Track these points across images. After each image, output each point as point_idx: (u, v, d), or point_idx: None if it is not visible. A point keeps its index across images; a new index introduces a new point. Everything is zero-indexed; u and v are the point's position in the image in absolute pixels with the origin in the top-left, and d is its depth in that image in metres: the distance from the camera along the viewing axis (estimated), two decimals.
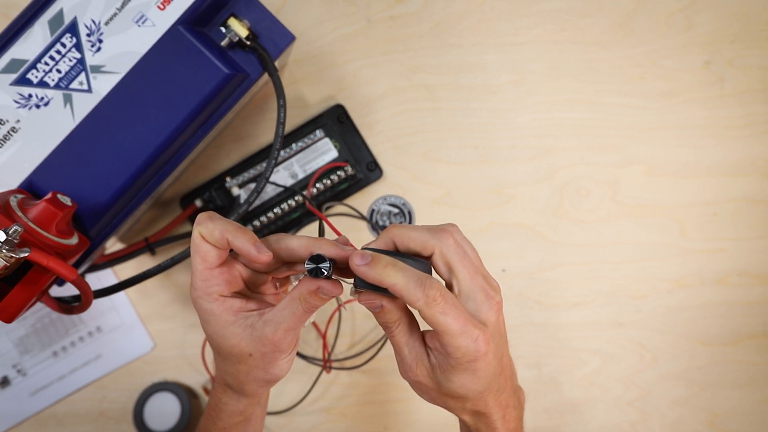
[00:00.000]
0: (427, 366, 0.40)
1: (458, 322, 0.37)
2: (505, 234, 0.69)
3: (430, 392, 0.41)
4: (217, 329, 0.42)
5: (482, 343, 0.38)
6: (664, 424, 0.69)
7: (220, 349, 0.43)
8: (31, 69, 0.50)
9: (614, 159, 0.69)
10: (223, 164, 0.69)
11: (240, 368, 0.43)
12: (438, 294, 0.37)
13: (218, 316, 0.41)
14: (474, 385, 0.40)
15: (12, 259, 0.40)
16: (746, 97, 0.69)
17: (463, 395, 0.40)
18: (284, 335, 0.40)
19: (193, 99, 0.51)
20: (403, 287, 0.36)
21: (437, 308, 0.37)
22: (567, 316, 0.69)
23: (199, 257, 0.41)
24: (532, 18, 0.69)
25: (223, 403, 0.47)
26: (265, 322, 0.41)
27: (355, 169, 0.67)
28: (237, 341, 0.41)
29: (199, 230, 0.40)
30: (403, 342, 0.40)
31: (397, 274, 0.37)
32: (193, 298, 0.42)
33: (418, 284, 0.37)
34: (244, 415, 0.47)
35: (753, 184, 0.69)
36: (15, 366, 0.68)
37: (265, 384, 0.44)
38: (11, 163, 0.50)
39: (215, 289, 0.41)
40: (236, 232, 0.40)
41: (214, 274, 0.41)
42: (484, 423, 0.43)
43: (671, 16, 0.69)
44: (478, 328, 0.38)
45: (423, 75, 0.69)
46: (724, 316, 0.70)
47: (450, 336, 0.37)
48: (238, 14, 0.53)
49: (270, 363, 0.42)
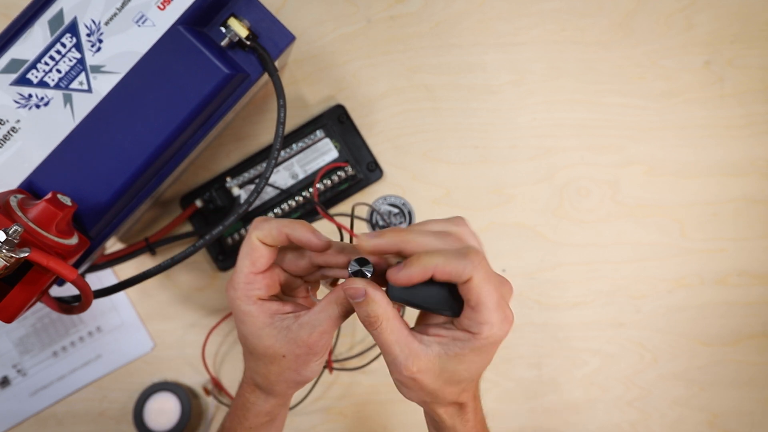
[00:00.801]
0: (426, 360, 0.39)
1: (497, 293, 0.37)
2: (505, 234, 0.69)
3: (425, 386, 0.40)
4: (253, 330, 0.42)
5: (508, 324, 0.38)
6: (664, 424, 0.69)
7: (255, 350, 0.43)
8: (31, 69, 0.50)
9: (614, 159, 0.69)
10: (223, 164, 0.69)
11: (272, 369, 0.43)
12: (481, 256, 0.37)
13: (255, 318, 0.42)
14: (479, 368, 0.40)
15: (12, 259, 0.40)
16: (746, 97, 0.69)
17: (463, 378, 0.40)
18: (319, 338, 0.41)
19: (193, 99, 0.51)
20: (446, 264, 0.37)
21: (482, 273, 0.37)
22: (567, 316, 0.69)
23: (250, 260, 0.42)
24: (532, 18, 0.69)
25: (251, 403, 0.47)
26: (300, 325, 0.41)
27: (356, 170, 0.67)
28: (272, 342, 0.42)
29: (256, 234, 0.41)
30: (393, 341, 0.39)
31: (434, 257, 0.37)
32: (230, 298, 0.43)
33: (459, 255, 0.37)
34: (271, 415, 0.48)
35: (753, 184, 0.69)
36: (15, 366, 0.68)
37: (295, 385, 0.45)
38: (11, 163, 0.50)
39: (256, 292, 0.42)
40: (293, 224, 0.41)
41: (258, 278, 0.42)
42: (458, 415, 0.43)
43: (671, 16, 0.69)
44: (508, 307, 0.39)
45: (423, 75, 0.69)
46: (724, 316, 0.70)
47: (488, 310, 0.37)
48: (238, 14, 0.53)
49: (302, 365, 0.43)
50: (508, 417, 0.70)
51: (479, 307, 0.37)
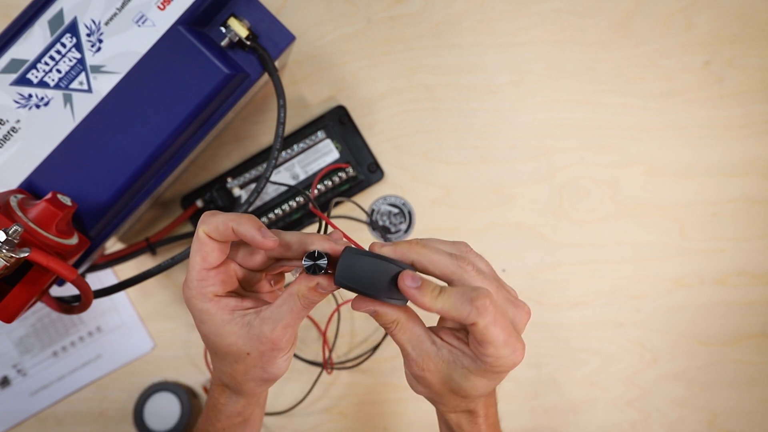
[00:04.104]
0: (436, 361, 0.40)
1: (505, 332, 0.37)
2: (505, 234, 0.69)
3: (432, 386, 0.41)
4: (212, 328, 0.41)
5: (519, 356, 0.38)
6: (664, 424, 0.69)
7: (217, 349, 0.42)
8: (31, 69, 0.50)
9: (614, 159, 0.69)
10: (223, 164, 0.69)
11: (237, 368, 0.42)
12: (488, 302, 0.36)
13: (214, 315, 0.41)
14: (485, 389, 0.40)
15: (12, 259, 0.40)
16: (746, 97, 0.69)
17: (468, 395, 0.40)
18: (282, 332, 0.40)
19: (193, 99, 0.51)
20: (452, 309, 0.36)
21: (488, 318, 0.36)
22: (567, 316, 0.69)
23: (200, 256, 0.40)
24: (532, 18, 0.69)
25: (222, 404, 0.46)
26: (262, 320, 0.40)
27: (357, 171, 0.67)
28: (234, 340, 0.41)
29: (203, 228, 0.40)
30: (405, 340, 0.40)
31: (443, 299, 0.37)
32: (186, 297, 0.42)
33: (466, 301, 0.36)
34: (243, 415, 0.47)
35: (753, 184, 0.69)
36: (15, 366, 0.68)
37: (264, 383, 0.44)
38: (11, 163, 0.50)
39: (210, 289, 0.41)
40: (239, 219, 0.39)
41: (210, 275, 0.41)
42: (468, 421, 0.43)
43: (671, 16, 0.69)
44: (519, 340, 0.38)
45: (423, 75, 0.69)
46: (724, 316, 0.70)
47: (494, 346, 0.37)
48: (238, 14, 0.53)
49: (268, 362, 0.42)
50: (508, 417, 0.70)
51: (485, 344, 0.37)
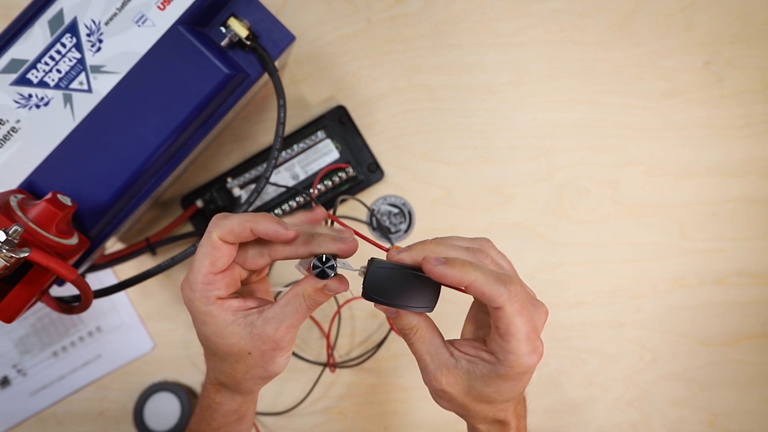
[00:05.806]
0: (455, 373, 0.39)
1: (528, 325, 0.37)
2: (505, 234, 0.69)
3: (455, 399, 0.40)
4: (215, 330, 0.41)
5: (537, 355, 0.38)
6: (664, 424, 0.70)
7: (219, 350, 0.42)
8: (31, 69, 0.50)
9: (614, 159, 0.69)
10: (223, 164, 0.69)
11: (238, 367, 0.42)
12: (519, 288, 0.36)
13: (217, 317, 0.41)
14: (510, 393, 0.39)
15: (12, 259, 0.40)
16: (746, 97, 0.69)
17: (494, 400, 0.40)
18: (286, 332, 0.40)
19: (193, 99, 0.51)
20: (483, 283, 0.36)
21: (516, 305, 0.36)
22: (567, 316, 0.69)
23: (209, 260, 0.40)
24: (532, 18, 0.69)
25: (217, 403, 0.46)
26: (265, 320, 0.40)
27: (357, 171, 0.67)
28: (236, 340, 0.41)
29: (217, 233, 0.39)
30: (424, 350, 0.40)
31: (476, 271, 0.36)
32: (188, 299, 0.41)
33: (498, 280, 0.36)
34: (239, 413, 0.47)
35: (753, 184, 0.69)
36: (15, 366, 0.68)
37: (262, 381, 0.44)
38: (11, 163, 0.50)
39: (216, 293, 0.41)
40: (256, 218, 0.39)
41: (217, 278, 0.41)
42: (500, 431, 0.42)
43: (671, 16, 0.69)
44: (539, 338, 0.38)
45: (423, 75, 0.69)
46: (724, 316, 0.70)
47: (516, 340, 0.37)
48: (238, 14, 0.53)
49: (269, 360, 0.42)
50: None
51: (508, 336, 0.37)
